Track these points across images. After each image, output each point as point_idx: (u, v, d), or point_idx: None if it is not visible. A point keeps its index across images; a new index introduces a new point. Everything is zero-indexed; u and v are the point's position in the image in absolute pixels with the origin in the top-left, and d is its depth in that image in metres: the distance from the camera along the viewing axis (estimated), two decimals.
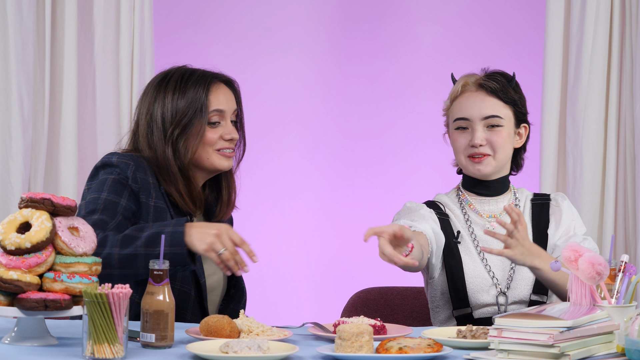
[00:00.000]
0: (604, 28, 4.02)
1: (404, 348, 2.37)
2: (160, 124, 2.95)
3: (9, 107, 3.86)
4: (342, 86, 4.85)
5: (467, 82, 3.13)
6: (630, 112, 4.01)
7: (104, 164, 2.93)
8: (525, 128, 3.17)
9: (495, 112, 3.10)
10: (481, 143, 3.08)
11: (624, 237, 4.07)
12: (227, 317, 2.57)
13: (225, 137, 2.98)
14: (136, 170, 2.90)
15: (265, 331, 2.57)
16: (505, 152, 3.12)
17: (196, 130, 2.93)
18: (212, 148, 2.96)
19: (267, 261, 4.77)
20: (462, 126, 3.12)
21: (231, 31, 4.78)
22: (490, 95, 3.11)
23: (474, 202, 3.17)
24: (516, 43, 4.79)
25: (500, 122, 3.10)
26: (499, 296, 3.08)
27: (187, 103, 2.94)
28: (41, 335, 2.47)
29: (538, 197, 3.22)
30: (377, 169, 4.85)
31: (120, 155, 2.93)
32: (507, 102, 3.11)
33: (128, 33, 3.98)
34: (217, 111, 2.97)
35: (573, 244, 2.57)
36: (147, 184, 2.91)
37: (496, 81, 3.11)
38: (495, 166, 3.11)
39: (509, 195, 3.18)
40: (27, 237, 2.44)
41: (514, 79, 3.15)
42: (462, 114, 3.11)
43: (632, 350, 2.32)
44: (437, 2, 4.82)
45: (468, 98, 3.12)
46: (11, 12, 3.84)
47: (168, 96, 2.95)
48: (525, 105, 3.18)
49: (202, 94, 2.94)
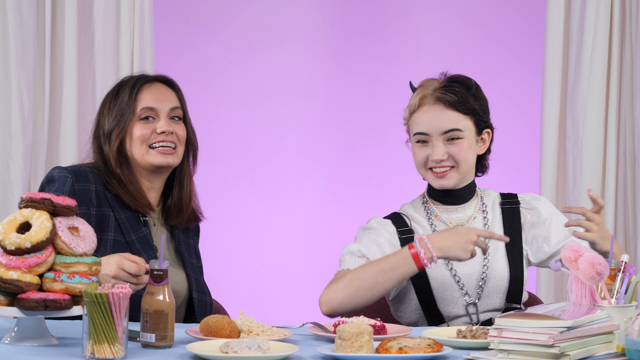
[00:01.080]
0: (604, 28, 4.02)
1: (404, 348, 2.36)
2: (102, 132, 3.05)
3: (9, 107, 3.86)
4: (342, 86, 4.85)
5: (425, 94, 3.05)
6: (630, 112, 4.02)
7: (48, 180, 3.00)
8: (488, 134, 3.10)
9: (454, 125, 3.02)
10: (442, 158, 3.01)
11: (624, 237, 4.07)
12: (227, 317, 2.57)
13: (157, 130, 3.02)
14: (75, 182, 2.96)
15: (265, 331, 2.57)
16: (468, 162, 3.05)
17: (130, 129, 3.02)
18: (145, 145, 3.02)
19: (267, 261, 4.78)
20: (422, 140, 3.05)
21: (231, 31, 4.78)
22: (448, 108, 3.02)
23: (440, 211, 3.11)
24: (516, 43, 4.79)
25: (460, 134, 3.02)
26: (469, 306, 3.04)
27: (119, 107, 3.04)
28: (41, 335, 2.47)
29: (506, 201, 3.15)
30: (377, 169, 4.85)
31: (61, 169, 3.00)
32: (466, 113, 3.03)
33: (128, 33, 3.98)
34: (148, 109, 3.03)
35: (573, 244, 2.57)
36: (87, 193, 2.96)
37: (454, 92, 3.02)
38: (458, 178, 3.05)
39: (475, 201, 3.12)
40: (27, 237, 2.44)
41: (473, 85, 3.06)
42: (421, 129, 3.04)
43: (632, 350, 2.32)
44: (437, 2, 4.82)
45: (427, 112, 3.04)
46: (11, 12, 3.84)
47: (107, 105, 3.07)
48: (486, 111, 3.09)
49: (132, 95, 3.04)
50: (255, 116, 4.78)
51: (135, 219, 3.02)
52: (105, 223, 2.97)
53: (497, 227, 3.10)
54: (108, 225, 2.97)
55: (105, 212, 2.98)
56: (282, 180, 4.82)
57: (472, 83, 3.06)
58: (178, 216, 3.11)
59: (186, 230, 3.17)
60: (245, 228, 4.75)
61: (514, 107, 4.79)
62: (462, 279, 3.04)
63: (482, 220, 3.10)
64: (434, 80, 3.09)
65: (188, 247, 3.16)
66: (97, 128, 3.07)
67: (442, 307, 3.04)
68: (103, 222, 2.97)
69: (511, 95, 4.80)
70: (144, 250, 2.99)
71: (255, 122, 4.78)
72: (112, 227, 2.98)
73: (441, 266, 3.05)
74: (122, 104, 3.03)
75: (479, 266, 3.05)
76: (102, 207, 2.98)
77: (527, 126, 4.65)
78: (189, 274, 3.09)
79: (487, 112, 3.10)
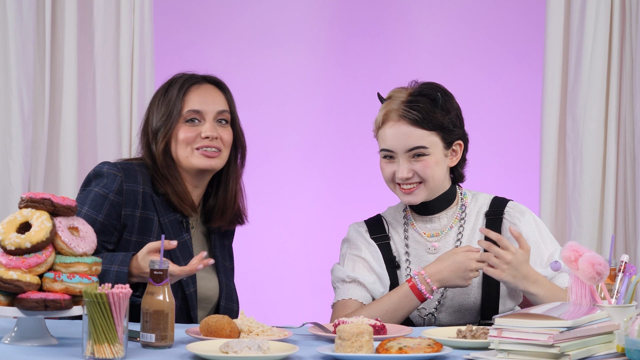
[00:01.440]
0: (604, 28, 4.02)
1: (404, 348, 2.37)
2: (150, 129, 3.03)
3: (9, 107, 3.86)
4: (342, 86, 4.85)
5: (390, 110, 3.00)
6: (630, 112, 4.01)
7: (96, 174, 2.98)
8: (460, 145, 3.04)
9: (418, 143, 2.97)
10: (407, 176, 2.97)
11: (624, 237, 4.07)
12: (227, 317, 2.57)
13: (201, 135, 3.00)
14: (124, 182, 2.94)
15: (265, 331, 2.57)
16: (436, 177, 2.99)
17: (175, 131, 2.99)
18: (190, 147, 2.99)
19: (267, 261, 4.78)
20: (389, 155, 3.01)
21: (231, 31, 4.78)
22: (412, 125, 2.96)
23: (416, 220, 3.09)
24: (516, 43, 4.79)
25: (426, 151, 2.97)
26: (427, 317, 3.01)
27: (167, 106, 3.01)
28: (41, 335, 2.47)
29: (493, 210, 3.08)
30: (377, 169, 4.84)
31: (111, 165, 2.98)
32: (432, 129, 2.97)
33: (128, 33, 3.98)
34: (193, 111, 3.00)
35: (573, 244, 2.57)
36: (135, 194, 2.95)
37: (418, 110, 2.96)
38: (427, 193, 3.01)
39: (453, 210, 3.08)
40: (27, 237, 2.44)
41: (439, 99, 2.98)
42: (386, 145, 3.00)
43: (632, 350, 2.32)
44: (437, 2, 4.82)
45: (391, 128, 2.99)
46: (11, 12, 3.84)
47: (156, 102, 3.04)
48: (457, 123, 3.02)
49: (179, 95, 3.00)
50: (255, 116, 4.78)
51: (178, 223, 3.00)
52: (148, 227, 2.96)
53: (477, 236, 3.05)
54: (151, 230, 2.96)
55: (150, 215, 2.96)
56: (282, 180, 4.82)
57: (438, 96, 2.99)
58: (221, 219, 3.09)
59: (222, 231, 3.15)
60: (245, 228, 4.75)
61: (514, 107, 4.79)
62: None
63: (457, 230, 3.06)
64: (401, 92, 3.03)
65: (223, 249, 3.14)
66: (146, 124, 3.06)
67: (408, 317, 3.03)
68: (146, 226, 2.96)
69: (511, 95, 4.80)
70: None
71: (255, 122, 4.78)
72: (155, 232, 2.96)
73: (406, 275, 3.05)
74: (170, 104, 3.01)
75: None
76: (147, 210, 2.96)
77: (527, 126, 4.65)
78: (221, 280, 3.08)
79: (458, 123, 3.03)
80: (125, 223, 2.94)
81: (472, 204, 3.10)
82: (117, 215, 2.93)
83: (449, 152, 3.03)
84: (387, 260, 3.06)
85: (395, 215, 3.13)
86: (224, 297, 3.08)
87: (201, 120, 3.01)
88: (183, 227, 3.01)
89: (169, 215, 2.99)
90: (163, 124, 3.00)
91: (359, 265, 3.05)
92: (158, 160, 2.99)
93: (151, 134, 3.01)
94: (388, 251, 3.07)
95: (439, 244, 3.05)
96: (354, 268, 3.05)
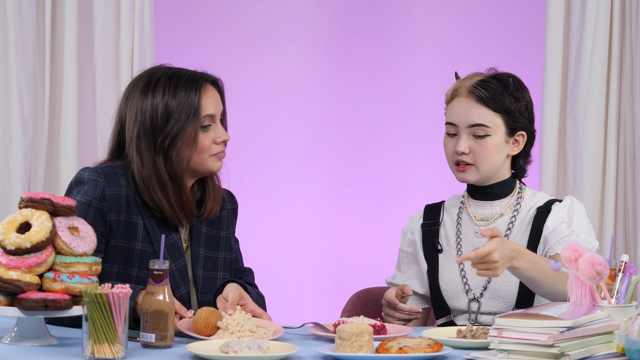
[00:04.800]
0: (604, 28, 4.02)
1: (404, 348, 2.37)
2: (150, 130, 2.81)
3: (9, 107, 3.86)
4: (342, 86, 4.85)
5: (460, 86, 3.05)
6: (630, 112, 4.02)
7: (77, 181, 2.83)
8: (523, 136, 3.06)
9: (481, 120, 3.01)
10: (464, 151, 3.01)
11: (624, 237, 4.07)
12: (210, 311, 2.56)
13: (217, 140, 2.86)
14: (106, 187, 2.80)
15: (255, 331, 2.56)
16: (491, 162, 3.03)
17: (189, 137, 2.81)
18: (207, 154, 2.85)
19: (267, 261, 4.78)
20: (451, 132, 3.05)
21: (230, 31, 4.78)
22: (478, 103, 3.01)
23: (471, 204, 3.13)
24: (516, 43, 4.79)
25: (487, 131, 3.01)
26: (472, 302, 3.04)
27: (178, 107, 2.81)
28: (41, 335, 2.47)
29: (544, 206, 3.09)
30: (377, 168, 4.85)
31: (91, 171, 2.83)
32: (497, 111, 3.01)
33: (128, 33, 3.98)
34: (209, 116, 2.85)
35: (573, 244, 2.57)
36: (118, 198, 2.81)
37: (488, 89, 3.01)
38: (480, 176, 3.04)
39: (508, 199, 3.10)
40: (27, 237, 2.44)
41: (511, 85, 3.03)
42: (450, 119, 3.06)
43: (632, 350, 2.32)
44: (437, 2, 4.82)
45: (457, 103, 3.05)
46: (11, 12, 3.84)
47: (157, 100, 2.82)
48: (524, 113, 3.05)
49: (194, 97, 2.82)
50: (255, 116, 4.78)
51: (165, 223, 2.87)
52: (132, 232, 2.82)
53: (525, 230, 3.07)
54: (136, 234, 2.83)
55: (134, 219, 2.82)
56: (282, 180, 4.82)
57: (510, 81, 3.04)
58: (211, 211, 2.94)
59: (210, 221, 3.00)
60: (245, 228, 4.75)
61: None
62: (467, 273, 3.06)
63: (509, 220, 3.08)
64: (478, 75, 3.09)
65: (210, 240, 2.99)
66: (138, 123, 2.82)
67: (448, 300, 3.06)
68: (131, 231, 2.82)
69: None
70: (173, 259, 2.86)
71: (255, 122, 4.78)
72: (140, 237, 2.83)
73: (453, 259, 3.08)
74: (185, 105, 2.81)
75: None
76: (131, 214, 2.82)
77: None
78: (196, 274, 2.94)
79: (526, 115, 3.06)
80: (112, 228, 2.81)
81: (529, 199, 3.12)
82: (103, 222, 2.80)
83: (510, 140, 3.07)
84: (428, 245, 3.12)
85: (454, 201, 3.18)
86: (200, 292, 2.92)
87: (211, 124, 2.86)
88: (171, 227, 2.88)
89: (155, 217, 2.86)
90: (180, 130, 2.80)
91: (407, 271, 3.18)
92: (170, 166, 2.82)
93: (161, 135, 2.81)
94: (433, 236, 3.13)
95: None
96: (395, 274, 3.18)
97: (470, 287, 3.04)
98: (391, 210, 4.80)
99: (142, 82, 2.87)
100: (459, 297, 3.05)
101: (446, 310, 3.07)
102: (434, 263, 3.10)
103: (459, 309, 3.06)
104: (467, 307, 3.04)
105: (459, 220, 3.13)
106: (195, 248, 2.95)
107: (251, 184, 4.79)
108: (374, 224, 4.82)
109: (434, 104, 4.75)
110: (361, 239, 4.80)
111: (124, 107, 2.88)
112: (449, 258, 3.09)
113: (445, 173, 4.69)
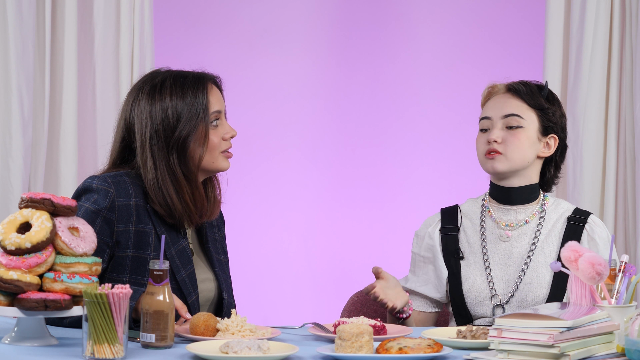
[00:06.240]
0: (604, 28, 4.02)
1: (404, 348, 2.37)
2: (162, 132, 2.82)
3: (9, 107, 3.86)
4: (342, 86, 4.85)
5: (496, 85, 3.15)
6: (630, 112, 4.02)
7: (85, 189, 2.82)
8: (555, 140, 3.08)
9: (515, 110, 3.05)
10: (496, 139, 3.03)
11: (624, 237, 4.07)
12: (208, 314, 2.57)
13: (225, 136, 2.89)
14: (116, 197, 2.80)
15: (253, 332, 2.56)
16: (521, 153, 3.04)
17: (200, 135, 2.83)
18: (217, 151, 2.87)
19: (267, 261, 4.78)
20: (484, 127, 3.08)
21: (231, 31, 4.78)
22: (514, 96, 3.08)
23: (494, 209, 3.10)
24: (516, 43, 4.79)
25: (521, 122, 3.04)
26: (496, 308, 3.03)
27: (188, 107, 2.83)
28: (41, 335, 2.47)
29: (575, 217, 3.09)
30: (377, 168, 4.85)
31: (101, 179, 2.81)
32: (531, 106, 3.06)
33: (128, 33, 3.98)
34: (217, 112, 2.88)
35: (573, 244, 2.57)
36: (128, 209, 2.80)
37: (525, 85, 3.10)
38: (510, 165, 3.03)
39: (533, 207, 3.09)
40: (27, 237, 2.44)
41: (546, 90, 3.10)
42: (485, 114, 3.10)
43: (632, 351, 2.32)
44: (437, 2, 4.82)
45: (494, 99, 3.11)
46: (11, 12, 3.84)
47: (166, 102, 2.83)
48: (559, 121, 3.09)
49: (202, 96, 2.85)
50: (255, 116, 4.78)
51: (174, 230, 2.88)
52: (144, 241, 2.82)
53: (556, 239, 3.06)
54: (148, 243, 2.82)
55: (145, 229, 2.82)
56: (282, 180, 4.82)
57: (546, 84, 3.12)
58: (212, 214, 2.95)
59: (210, 224, 3.02)
60: (245, 228, 4.76)
61: None
62: (494, 278, 3.05)
63: (535, 227, 3.07)
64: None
65: (215, 243, 3.02)
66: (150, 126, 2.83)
67: (471, 307, 3.06)
68: (142, 240, 2.82)
69: None
70: (183, 266, 2.86)
71: (255, 122, 4.78)
72: (152, 246, 2.83)
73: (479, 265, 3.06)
74: (194, 104, 2.83)
75: (517, 269, 3.04)
76: (141, 224, 2.82)
77: None
78: (218, 275, 2.97)
79: (560, 123, 3.10)
80: (119, 240, 2.80)
81: (553, 206, 3.11)
82: (110, 233, 2.79)
83: (543, 140, 3.09)
84: (450, 251, 3.10)
85: (472, 206, 3.16)
86: (225, 292, 2.97)
87: (219, 119, 2.88)
88: (180, 234, 2.89)
89: (165, 224, 2.86)
90: (192, 129, 2.82)
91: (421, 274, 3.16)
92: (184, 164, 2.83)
93: (172, 141, 2.81)
94: (454, 242, 3.10)
95: (513, 234, 3.07)
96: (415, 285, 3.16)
97: (496, 293, 3.04)
98: (391, 210, 4.80)
99: (147, 86, 2.88)
100: (483, 304, 3.04)
101: (468, 318, 3.05)
102: (456, 270, 3.08)
103: (481, 316, 3.05)
104: (489, 313, 3.03)
105: (483, 224, 3.11)
106: (209, 250, 2.99)
107: (251, 184, 4.80)
108: (374, 224, 4.81)
109: (434, 104, 4.75)
110: (361, 239, 4.80)
111: (130, 113, 2.88)
112: (471, 265, 3.07)
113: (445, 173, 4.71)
